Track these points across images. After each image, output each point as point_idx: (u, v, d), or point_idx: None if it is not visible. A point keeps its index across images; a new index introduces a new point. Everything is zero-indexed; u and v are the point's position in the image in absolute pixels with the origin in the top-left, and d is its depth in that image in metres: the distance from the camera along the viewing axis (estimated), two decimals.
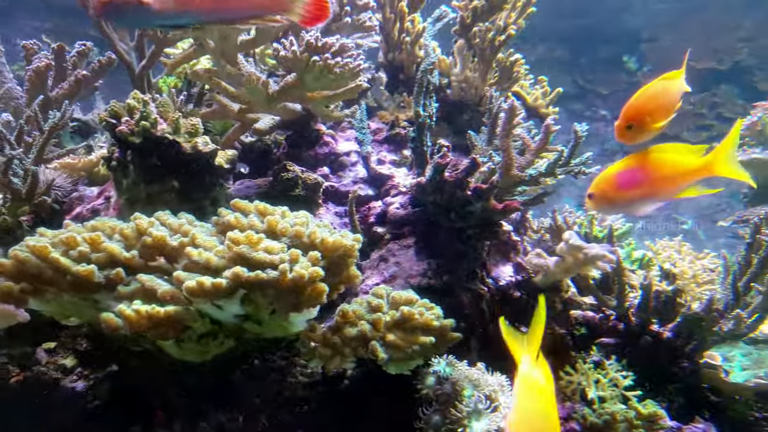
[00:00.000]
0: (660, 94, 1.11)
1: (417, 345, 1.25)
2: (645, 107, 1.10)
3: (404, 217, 1.62)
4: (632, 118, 1.11)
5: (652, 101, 1.10)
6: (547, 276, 1.70)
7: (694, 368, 1.56)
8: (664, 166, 1.09)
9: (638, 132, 1.12)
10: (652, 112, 1.10)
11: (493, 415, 1.34)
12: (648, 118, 1.10)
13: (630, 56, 8.08)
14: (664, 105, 1.10)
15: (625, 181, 1.09)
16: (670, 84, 1.12)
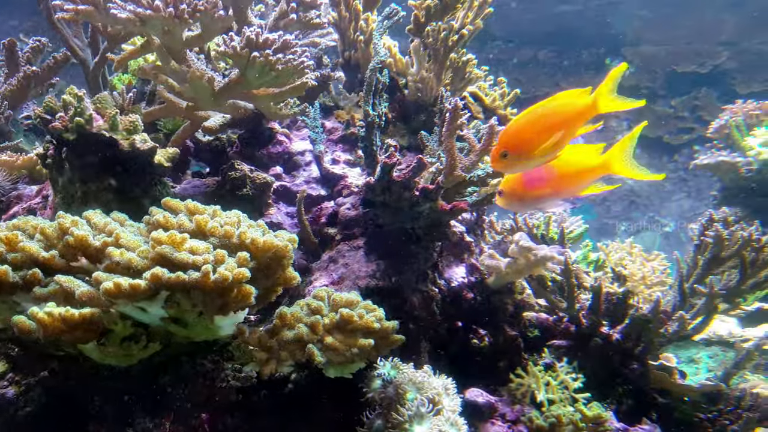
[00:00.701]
0: (545, 116, 1.02)
1: (356, 348, 1.23)
2: (522, 133, 1.02)
3: (355, 217, 1.60)
4: (507, 145, 1.03)
5: (532, 126, 1.02)
6: (500, 277, 1.69)
7: (643, 370, 1.56)
8: (568, 165, 1.08)
9: (515, 161, 1.04)
10: (532, 139, 1.02)
11: (436, 419, 1.32)
12: (526, 145, 1.02)
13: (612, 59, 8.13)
14: (549, 128, 1.02)
15: (533, 180, 1.08)
16: (565, 105, 1.03)
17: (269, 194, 1.63)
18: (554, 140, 1.02)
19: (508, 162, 1.05)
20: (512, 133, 1.04)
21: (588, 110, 1.04)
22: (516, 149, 1.03)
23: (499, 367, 1.65)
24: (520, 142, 1.03)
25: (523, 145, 1.03)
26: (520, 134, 1.03)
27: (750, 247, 1.40)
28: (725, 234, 1.43)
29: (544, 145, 1.01)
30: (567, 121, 1.03)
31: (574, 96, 1.04)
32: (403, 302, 1.56)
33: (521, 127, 1.04)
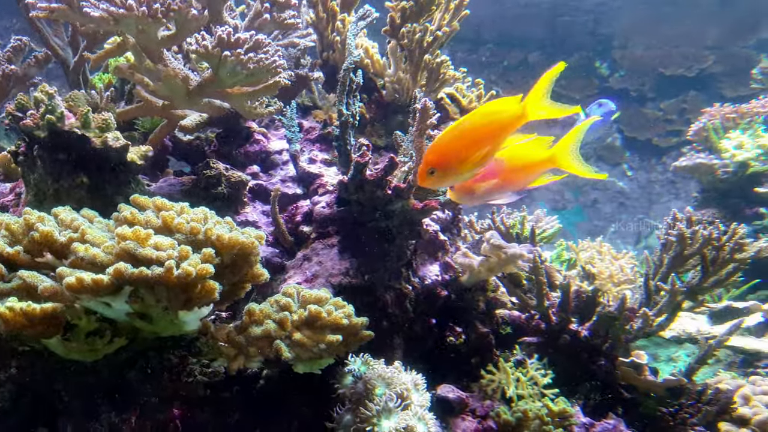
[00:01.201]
0: (472, 130, 1.01)
1: (324, 344, 1.25)
2: (449, 149, 1.01)
3: (329, 216, 1.62)
4: (434, 162, 1.02)
5: (458, 141, 1.01)
6: (473, 275, 1.72)
7: (610, 366, 1.59)
8: (516, 158, 1.10)
9: (442, 177, 1.04)
10: (459, 154, 1.01)
11: (404, 413, 1.34)
12: (453, 161, 1.01)
13: (602, 62, 8.20)
14: (476, 142, 1.01)
15: (483, 173, 1.10)
16: (491, 115, 1.02)
17: (245, 193, 1.64)
18: (481, 154, 1.02)
19: (435, 179, 1.04)
20: (438, 150, 1.02)
21: (516, 120, 1.03)
22: (443, 166, 1.02)
23: (471, 363, 1.68)
24: (447, 158, 1.02)
25: (449, 161, 1.02)
26: (447, 150, 1.02)
27: (711, 246, 1.43)
28: (687, 233, 1.46)
29: (471, 159, 1.01)
30: (494, 133, 1.02)
31: (502, 105, 1.04)
32: (376, 300, 1.58)
33: (448, 143, 1.02)
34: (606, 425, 1.51)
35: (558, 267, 1.88)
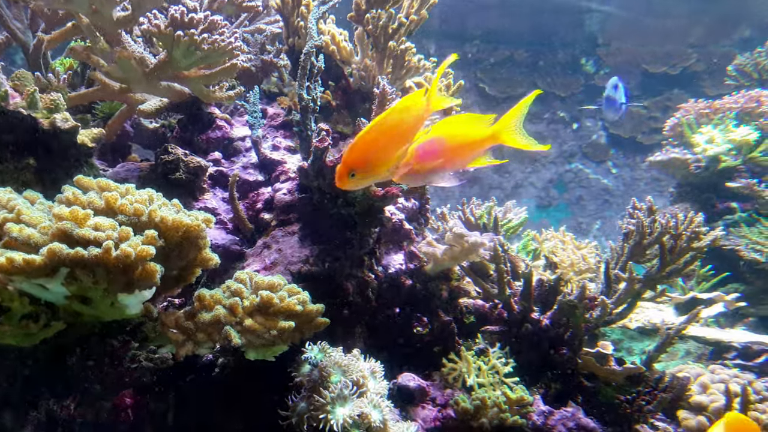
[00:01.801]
0: (391, 128, 1.02)
1: (276, 330, 1.23)
2: (368, 150, 1.02)
3: (290, 203, 1.60)
4: (352, 164, 1.03)
5: (377, 140, 1.02)
6: (437, 264, 1.71)
7: (572, 355, 1.58)
8: (457, 137, 1.09)
9: (363, 179, 1.05)
10: (379, 153, 1.02)
11: (359, 401, 1.33)
12: (373, 161, 1.02)
13: (588, 59, 8.22)
14: (395, 140, 1.03)
15: (426, 153, 1.09)
16: (407, 111, 1.03)
17: (204, 179, 1.61)
18: (401, 152, 1.03)
19: (355, 181, 1.05)
20: (359, 151, 1.03)
21: (425, 113, 1.05)
22: (363, 167, 1.03)
23: (434, 352, 1.67)
24: (367, 159, 1.03)
25: (370, 162, 1.03)
26: (367, 151, 1.02)
27: (669, 235, 1.43)
28: (646, 222, 1.46)
29: (391, 158, 1.02)
30: (410, 129, 1.04)
31: (412, 100, 1.04)
32: (338, 288, 1.56)
33: (368, 144, 1.02)
34: (564, 413, 1.50)
35: (523, 257, 1.87)
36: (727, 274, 2.74)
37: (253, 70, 1.89)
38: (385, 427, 1.32)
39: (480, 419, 1.44)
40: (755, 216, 2.80)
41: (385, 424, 1.32)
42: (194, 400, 1.46)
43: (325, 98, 1.85)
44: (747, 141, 2.66)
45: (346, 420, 1.27)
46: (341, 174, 1.03)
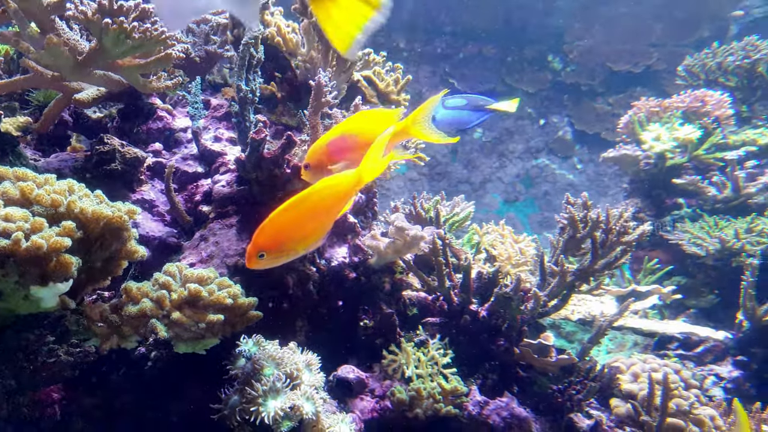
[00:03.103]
0: (307, 211, 1.02)
1: (204, 323, 1.23)
2: (282, 231, 1.02)
3: (229, 195, 1.58)
4: (262, 246, 1.02)
5: (290, 224, 1.02)
6: (381, 257, 1.72)
7: (509, 346, 1.61)
8: (368, 132, 1.10)
9: (275, 260, 1.05)
10: (295, 233, 1.02)
11: (292, 393, 1.33)
12: (287, 242, 1.02)
13: (554, 56, 8.33)
14: (314, 220, 1.03)
15: (337, 150, 1.10)
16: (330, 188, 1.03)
17: (142, 170, 1.59)
18: (321, 229, 1.03)
19: (265, 262, 1.03)
20: (271, 233, 1.01)
21: (353, 188, 1.03)
22: (274, 249, 1.02)
23: (376, 344, 1.68)
24: (280, 241, 1.02)
25: (283, 243, 1.02)
26: (280, 232, 1.01)
27: (600, 229, 1.47)
28: (578, 216, 1.49)
29: (309, 237, 1.02)
30: (332, 206, 1.03)
31: (338, 179, 1.03)
32: (277, 281, 1.56)
33: (282, 225, 1.01)
34: (499, 403, 1.54)
35: (467, 250, 1.90)
36: (671, 268, 2.83)
37: (197, 61, 1.86)
38: (318, 419, 1.33)
39: (415, 410, 1.46)
40: (699, 212, 2.89)
41: (317, 417, 1.33)
42: (127, 394, 1.44)
43: (270, 90, 1.84)
44: (690, 139, 2.75)
45: (278, 413, 1.27)
46: (250, 254, 1.00)
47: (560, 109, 8.24)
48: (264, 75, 1.92)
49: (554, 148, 8.13)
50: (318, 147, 1.13)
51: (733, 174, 2.78)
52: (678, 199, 3.03)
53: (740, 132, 3.06)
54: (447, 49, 8.23)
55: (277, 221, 1.01)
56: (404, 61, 8.13)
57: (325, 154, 1.10)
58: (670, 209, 3.07)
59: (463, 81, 7.97)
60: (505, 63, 8.33)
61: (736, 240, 2.51)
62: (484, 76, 8.19)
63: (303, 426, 1.33)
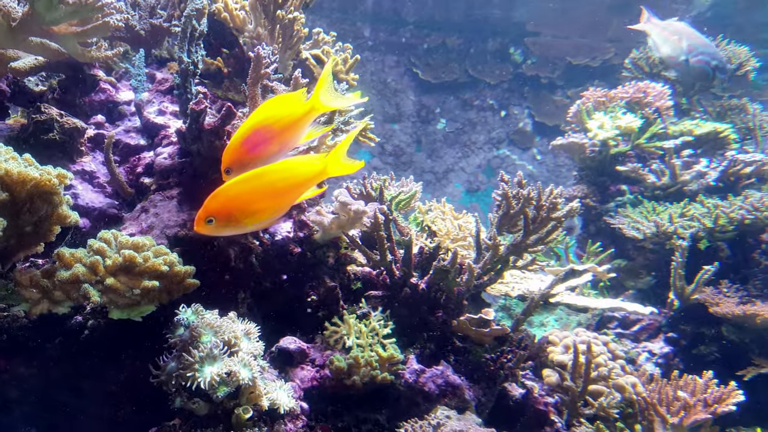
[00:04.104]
0: (270, 183, 1.07)
1: (139, 289, 1.24)
2: (235, 200, 1.07)
3: (170, 167, 1.59)
4: (212, 211, 1.08)
5: (249, 192, 1.07)
6: (326, 232, 1.75)
7: (447, 318, 1.68)
8: (283, 118, 1.14)
9: (222, 228, 1.10)
10: (247, 206, 1.07)
11: (229, 360, 1.36)
12: (237, 213, 1.07)
13: (516, 48, 8.46)
14: (272, 196, 1.08)
15: (254, 145, 1.12)
16: (294, 169, 1.09)
17: (82, 141, 1.58)
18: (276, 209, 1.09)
19: (212, 229, 1.08)
20: (223, 199, 1.06)
21: (316, 177, 1.09)
22: (223, 218, 1.06)
23: (318, 316, 1.72)
24: (230, 210, 1.06)
25: (232, 213, 1.07)
26: (232, 201, 1.06)
27: (531, 206, 1.54)
28: (510, 192, 1.56)
29: (261, 214, 1.07)
30: (293, 188, 1.09)
31: (304, 160, 1.09)
32: (218, 253, 1.58)
33: (237, 193, 1.05)
34: (435, 371, 1.60)
35: (414, 227, 1.95)
36: (612, 251, 2.96)
37: (142, 34, 1.85)
38: (255, 384, 1.36)
39: (353, 377, 1.51)
40: (640, 198, 3.02)
41: (254, 382, 1.36)
42: (64, 363, 1.44)
43: (217, 65, 1.84)
44: (631, 127, 2.87)
45: (214, 378, 1.30)
46: (199, 217, 1.04)
47: (521, 101, 8.39)
48: (211, 51, 1.92)
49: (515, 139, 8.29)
50: (233, 147, 1.14)
51: (671, 162, 2.91)
52: (621, 186, 3.16)
53: (679, 123, 3.21)
54: (411, 39, 8.26)
55: (232, 190, 1.05)
56: (369, 50, 8.13)
57: (244, 152, 1.12)
58: (614, 195, 3.20)
59: (428, 71, 8.03)
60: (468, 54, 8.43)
61: (670, 224, 2.64)
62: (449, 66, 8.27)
63: (240, 391, 1.36)
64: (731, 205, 2.56)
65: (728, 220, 2.55)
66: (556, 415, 1.68)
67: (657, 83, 3.20)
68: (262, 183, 1.07)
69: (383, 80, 8.35)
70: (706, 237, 2.67)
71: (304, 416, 1.50)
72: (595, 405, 1.54)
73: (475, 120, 8.22)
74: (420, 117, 8.22)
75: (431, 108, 8.24)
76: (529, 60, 8.39)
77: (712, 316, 2.53)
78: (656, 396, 1.85)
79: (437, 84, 8.04)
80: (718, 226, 2.59)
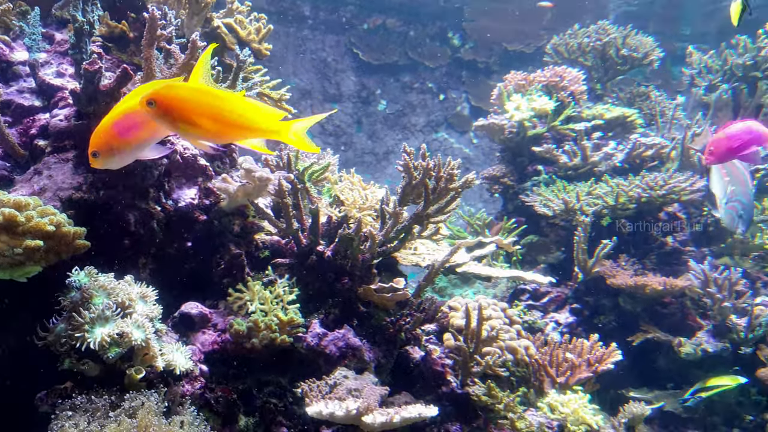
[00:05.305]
0: (133, 116, 1.13)
1: (21, 249, 1.21)
2: (111, 131, 1.13)
3: (66, 129, 1.54)
4: (94, 146, 1.15)
5: (120, 123, 1.13)
6: (232, 200, 1.76)
7: (352, 284, 1.73)
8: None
9: (107, 159, 1.17)
10: (120, 136, 1.13)
11: (122, 321, 1.36)
12: (114, 143, 1.13)
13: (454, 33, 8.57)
14: (138, 125, 1.13)
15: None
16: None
17: None
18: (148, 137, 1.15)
19: (100, 162, 1.17)
20: (100, 133, 1.14)
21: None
22: (104, 149, 1.15)
23: (224, 283, 1.73)
24: (107, 141, 1.14)
25: (111, 144, 1.14)
26: (108, 133, 1.14)
27: (432, 177, 1.61)
28: (411, 164, 1.63)
29: (134, 141, 1.15)
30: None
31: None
32: (117, 217, 1.56)
33: (110, 126, 1.14)
34: (336, 334, 1.65)
35: (327, 199, 1.99)
36: (524, 227, 3.12)
37: None
38: (148, 345, 1.37)
39: (252, 340, 1.54)
40: (554, 177, 3.18)
41: (148, 343, 1.36)
42: None
43: (121, 29, 1.79)
44: (545, 109, 3.01)
45: (105, 339, 1.30)
46: (89, 153, 1.15)
47: (459, 85, 8.53)
48: (118, 14, 1.86)
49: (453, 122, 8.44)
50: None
51: (581, 144, 3.08)
52: (538, 166, 3.31)
53: (593, 107, 3.39)
54: (352, 19, 8.22)
55: (108, 122, 1.15)
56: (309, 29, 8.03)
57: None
58: (531, 175, 3.35)
59: (369, 52, 8.02)
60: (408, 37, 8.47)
61: (577, 202, 2.81)
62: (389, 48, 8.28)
63: (134, 353, 1.37)
64: (630, 183, 2.75)
65: (628, 198, 2.74)
66: (452, 376, 1.78)
67: (573, 68, 3.36)
68: (130, 111, 1.13)
69: (323, 59, 8.27)
70: (609, 214, 2.87)
71: (203, 378, 1.52)
72: (483, 363, 1.64)
73: (415, 103, 8.30)
74: (361, 98, 8.23)
75: (372, 89, 8.26)
76: (467, 45, 8.53)
77: (611, 288, 2.73)
78: (547, 358, 1.99)
79: (378, 65, 8.06)
80: (619, 204, 2.78)
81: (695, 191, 2.69)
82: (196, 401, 1.48)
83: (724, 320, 2.44)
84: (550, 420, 1.84)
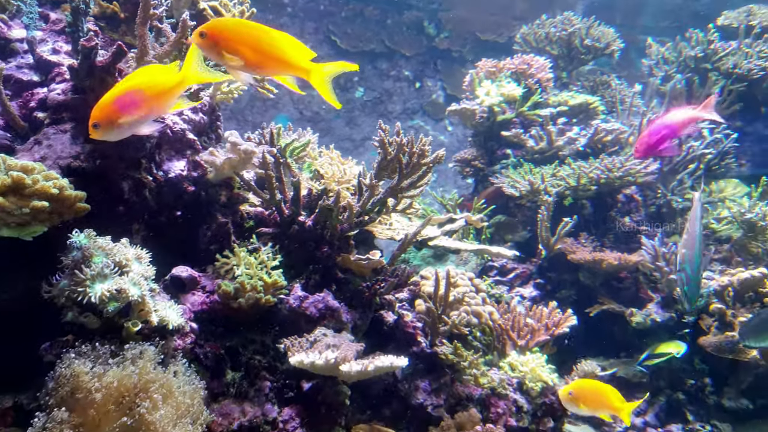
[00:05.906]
0: (136, 90, 1.27)
1: (28, 209, 1.32)
2: (110, 108, 1.25)
3: (64, 102, 1.64)
4: (95, 118, 1.27)
5: (121, 99, 1.25)
6: (218, 172, 1.88)
7: (331, 252, 1.88)
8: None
9: (107, 132, 1.29)
10: (120, 111, 1.26)
11: (120, 278, 1.48)
12: (114, 116, 1.26)
13: (430, 22, 8.70)
14: (141, 102, 1.27)
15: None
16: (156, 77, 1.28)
17: None
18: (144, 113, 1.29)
19: (100, 133, 1.28)
20: (101, 106, 1.26)
21: (177, 86, 1.31)
22: (104, 122, 1.27)
23: (211, 250, 1.86)
24: (108, 114, 1.26)
25: (110, 117, 1.27)
26: (109, 107, 1.26)
27: (404, 152, 1.76)
28: (386, 139, 1.77)
29: (132, 117, 1.28)
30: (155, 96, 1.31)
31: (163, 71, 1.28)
32: (111, 185, 1.67)
33: (111, 100, 1.26)
34: (316, 297, 1.80)
35: (307, 174, 2.13)
36: (493, 207, 3.30)
37: None
38: (144, 301, 1.49)
39: (238, 299, 1.67)
40: (522, 161, 3.37)
41: (143, 299, 1.49)
42: None
43: (113, 9, 1.88)
44: (513, 95, 3.18)
45: (104, 293, 1.42)
46: (89, 124, 1.25)
47: (434, 74, 8.67)
48: None
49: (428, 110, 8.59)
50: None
51: (547, 129, 3.27)
52: (507, 150, 3.49)
53: (559, 94, 3.58)
54: (330, 7, 8.27)
55: (110, 96, 1.27)
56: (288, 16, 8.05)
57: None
58: (500, 159, 3.53)
59: (346, 39, 8.09)
60: (385, 25, 8.56)
61: (542, 183, 3.00)
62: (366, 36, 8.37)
63: (130, 308, 1.49)
64: (590, 166, 2.95)
65: (588, 180, 2.95)
66: (422, 337, 1.95)
67: (540, 57, 3.54)
68: (131, 88, 1.27)
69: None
70: (571, 195, 3.07)
71: (193, 334, 1.65)
72: (449, 323, 1.81)
73: (391, 90, 8.42)
74: (339, 85, 8.31)
75: (350, 76, 8.34)
76: (442, 34, 8.67)
77: (572, 264, 2.94)
78: (510, 323, 2.18)
79: (356, 53, 8.13)
80: (580, 185, 2.98)
81: (649, 174, 2.90)
82: (187, 355, 1.61)
83: (671, 292, 2.67)
84: (510, 377, 2.03)
